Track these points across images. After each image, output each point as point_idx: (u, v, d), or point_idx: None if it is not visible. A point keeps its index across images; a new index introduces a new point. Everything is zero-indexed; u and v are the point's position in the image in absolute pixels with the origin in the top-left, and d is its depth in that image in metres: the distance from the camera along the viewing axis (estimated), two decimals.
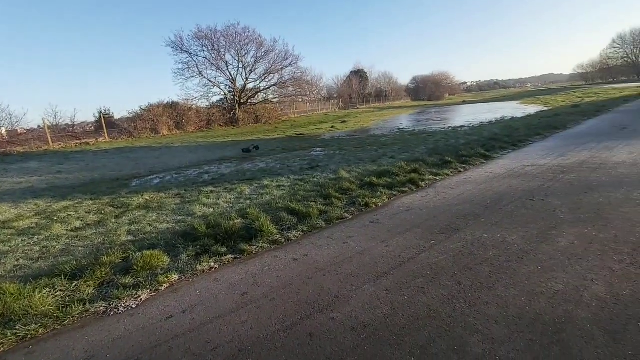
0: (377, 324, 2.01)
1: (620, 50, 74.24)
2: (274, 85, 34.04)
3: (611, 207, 3.53)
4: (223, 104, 33.39)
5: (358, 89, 60.25)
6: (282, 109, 36.67)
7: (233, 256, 3.38)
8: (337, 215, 4.26)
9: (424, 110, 38.62)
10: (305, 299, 2.38)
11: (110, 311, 2.55)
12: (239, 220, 4.43)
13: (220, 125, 30.02)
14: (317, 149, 12.58)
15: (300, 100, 40.49)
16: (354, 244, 3.30)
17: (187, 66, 30.43)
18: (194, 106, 30.68)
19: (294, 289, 2.54)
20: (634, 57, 72.31)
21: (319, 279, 2.68)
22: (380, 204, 4.55)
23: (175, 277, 3.06)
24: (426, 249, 2.99)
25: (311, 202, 4.93)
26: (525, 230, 3.17)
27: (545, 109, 20.53)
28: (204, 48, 30.52)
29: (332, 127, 25.15)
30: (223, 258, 3.33)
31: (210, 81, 32.15)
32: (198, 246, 3.65)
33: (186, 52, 30.16)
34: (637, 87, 34.18)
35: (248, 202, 5.50)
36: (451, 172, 5.92)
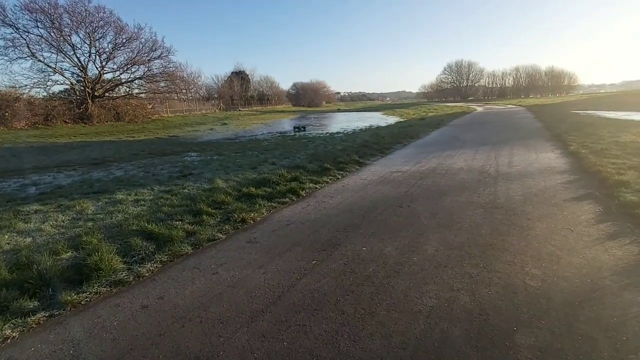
0: None
1: (449, 76, 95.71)
2: (140, 78, 29.57)
3: (460, 210, 4.03)
4: (69, 95, 27.02)
5: (240, 90, 58.57)
6: (152, 106, 32.21)
7: (47, 314, 2.37)
8: (208, 236, 3.61)
9: (304, 115, 40.33)
10: None
11: None
12: (68, 255, 3.30)
13: (66, 121, 24.19)
14: (192, 154, 11.29)
15: (175, 97, 36.43)
16: (226, 273, 2.77)
17: (12, 44, 23.31)
18: (24, 96, 23.77)
19: (136, 357, 1.85)
20: (457, 83, 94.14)
21: (175, 333, 2.04)
22: (259, 219, 4.12)
23: None
24: (307, 272, 2.71)
25: (177, 220, 4.11)
26: (398, 239, 3.26)
27: (402, 120, 24.10)
28: (39, 24, 24.01)
29: (211, 129, 23.49)
30: (29, 319, 2.29)
31: (48, 66, 25.52)
32: None
33: (11, 25, 23.07)
34: (461, 106, 44.08)
35: (90, 224, 4.28)
36: (330, 180, 5.98)
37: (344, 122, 24.70)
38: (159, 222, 4.04)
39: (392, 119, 25.85)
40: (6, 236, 3.92)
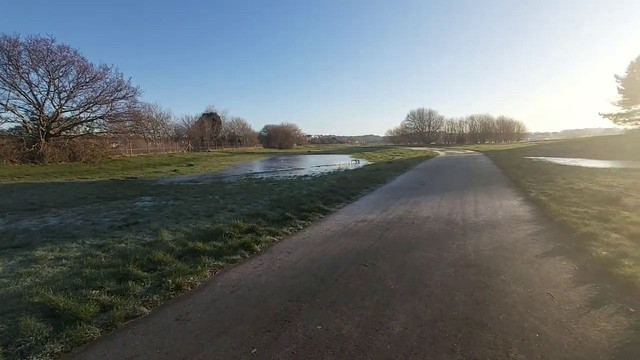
0: None
1: (413, 122, 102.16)
2: (101, 117, 28.36)
3: (430, 270, 3.62)
4: (20, 134, 25.16)
5: (210, 131, 58.25)
6: (117, 146, 30.66)
7: None
8: (128, 311, 2.89)
9: (275, 157, 40.26)
10: None
11: None
12: None
13: (13, 161, 22.22)
14: (146, 198, 10.37)
15: (142, 136, 35.19)
16: None
17: None
18: None
19: None
20: (420, 128, 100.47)
21: None
22: (198, 284, 3.44)
23: None
24: None
25: (95, 288, 3.34)
26: (360, 312, 2.74)
27: (370, 163, 24.50)
28: None
29: (175, 170, 22.44)
30: None
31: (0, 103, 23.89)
32: None
33: None
34: (425, 150, 46.29)
35: None
36: (290, 231, 5.44)
37: (312, 165, 24.68)
38: (72, 290, 3.28)
39: (360, 162, 26.25)
40: None
